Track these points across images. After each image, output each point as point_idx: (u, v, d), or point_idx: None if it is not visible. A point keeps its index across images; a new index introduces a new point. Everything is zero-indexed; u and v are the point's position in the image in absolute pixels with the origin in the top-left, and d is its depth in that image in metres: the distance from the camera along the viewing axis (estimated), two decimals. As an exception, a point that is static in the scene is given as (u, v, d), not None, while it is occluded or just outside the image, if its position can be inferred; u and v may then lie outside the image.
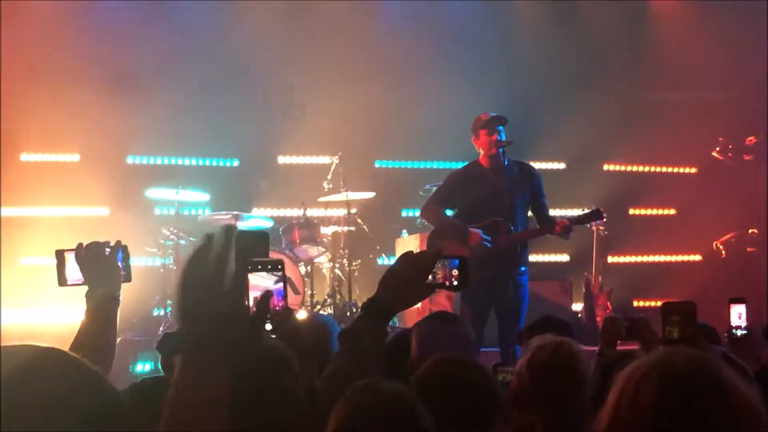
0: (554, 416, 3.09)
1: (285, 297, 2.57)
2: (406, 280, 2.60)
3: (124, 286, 3.17)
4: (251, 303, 2.53)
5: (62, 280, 3.23)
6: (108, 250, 3.20)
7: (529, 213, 7.48)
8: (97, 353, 2.96)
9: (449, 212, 7.56)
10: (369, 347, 2.54)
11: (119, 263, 3.19)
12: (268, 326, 2.47)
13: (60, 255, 3.22)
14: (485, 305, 7.17)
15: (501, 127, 7.25)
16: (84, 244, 3.19)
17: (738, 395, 1.79)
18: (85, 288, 3.17)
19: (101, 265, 3.16)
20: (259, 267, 2.57)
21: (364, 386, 2.28)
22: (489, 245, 7.07)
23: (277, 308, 2.53)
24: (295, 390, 2.25)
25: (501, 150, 7.24)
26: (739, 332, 3.93)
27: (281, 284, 2.55)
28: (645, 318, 3.75)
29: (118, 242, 3.23)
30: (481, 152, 7.36)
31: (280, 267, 2.57)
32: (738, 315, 3.92)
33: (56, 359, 1.46)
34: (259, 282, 2.55)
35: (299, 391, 2.33)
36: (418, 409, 2.21)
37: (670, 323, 2.94)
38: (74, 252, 3.19)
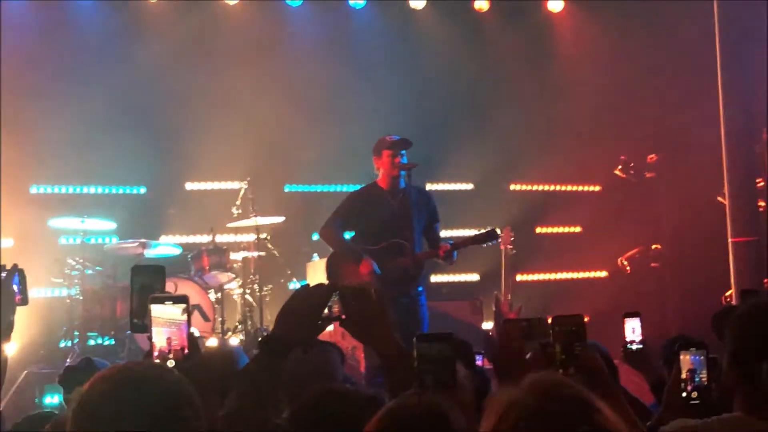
0: None
1: (188, 332, 2.57)
2: (301, 316, 2.62)
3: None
4: (154, 336, 2.52)
5: None
6: (3, 274, 3.15)
7: None
8: None
9: (348, 234, 7.59)
10: (266, 385, 2.54)
11: (15, 287, 3.15)
12: (171, 363, 2.47)
13: None
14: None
15: (404, 152, 7.31)
16: None
17: None
18: None
19: None
20: (164, 301, 2.57)
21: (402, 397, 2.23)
22: (378, 272, 7.08)
23: (181, 348, 2.53)
24: (195, 425, 2.23)
25: (403, 173, 7.28)
26: (634, 346, 4.01)
27: (185, 317, 2.56)
28: (542, 318, 3.80)
29: (15, 265, 3.18)
30: (381, 172, 7.41)
31: (184, 301, 2.57)
32: (632, 329, 3.99)
33: None
34: (166, 315, 2.55)
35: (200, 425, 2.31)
36: (452, 417, 2.16)
37: (556, 341, 2.91)
38: None
